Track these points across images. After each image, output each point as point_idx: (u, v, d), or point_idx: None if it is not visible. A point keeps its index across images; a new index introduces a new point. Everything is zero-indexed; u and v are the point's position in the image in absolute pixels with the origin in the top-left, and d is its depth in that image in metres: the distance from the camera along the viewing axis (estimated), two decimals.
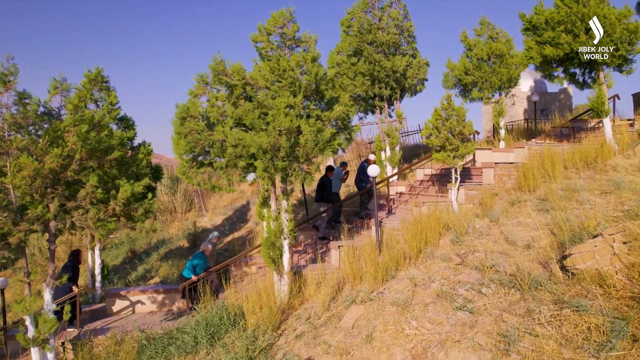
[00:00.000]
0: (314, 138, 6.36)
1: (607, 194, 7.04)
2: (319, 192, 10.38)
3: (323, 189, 10.31)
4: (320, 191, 10.34)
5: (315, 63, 6.94)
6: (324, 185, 10.34)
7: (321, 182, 10.38)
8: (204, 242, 10.14)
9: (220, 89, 7.33)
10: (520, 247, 6.13)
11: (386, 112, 12.34)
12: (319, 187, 10.38)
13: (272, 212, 7.20)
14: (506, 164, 9.23)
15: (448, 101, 8.45)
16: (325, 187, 10.33)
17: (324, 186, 10.33)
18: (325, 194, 10.30)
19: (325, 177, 10.48)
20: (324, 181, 10.39)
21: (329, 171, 10.58)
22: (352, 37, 11.98)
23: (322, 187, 10.33)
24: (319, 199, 10.45)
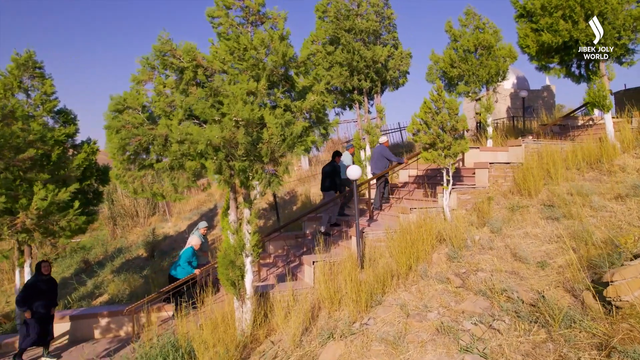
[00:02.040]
0: (280, 132, 5.10)
1: (624, 199, 6.06)
2: (327, 179, 9.28)
3: (332, 175, 9.27)
4: (330, 177, 9.28)
5: (283, 42, 5.68)
6: (333, 171, 9.24)
7: (330, 169, 9.31)
8: (191, 235, 8.82)
9: (170, 75, 6.00)
10: (532, 265, 5.04)
11: (366, 106, 11.18)
12: (326, 174, 9.35)
13: (232, 223, 5.89)
14: (501, 164, 8.20)
15: (439, 92, 7.34)
16: (335, 173, 9.30)
17: (334, 172, 9.25)
18: (337, 181, 9.27)
19: (334, 163, 9.44)
20: (334, 167, 9.33)
21: (336, 156, 9.53)
22: (328, 23, 10.78)
23: (330, 174, 9.24)
24: (328, 188, 9.31)
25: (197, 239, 8.63)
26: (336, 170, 9.36)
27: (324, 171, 9.50)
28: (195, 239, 8.61)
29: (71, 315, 7.66)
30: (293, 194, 15.50)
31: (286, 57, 5.57)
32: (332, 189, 9.31)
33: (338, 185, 9.34)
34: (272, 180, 5.29)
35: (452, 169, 7.40)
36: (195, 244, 8.45)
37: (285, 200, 15.16)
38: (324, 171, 9.47)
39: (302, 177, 17.14)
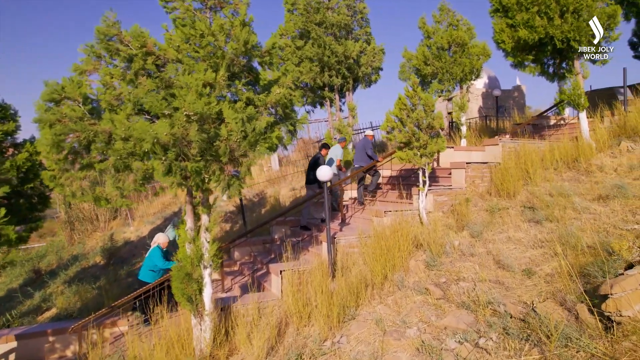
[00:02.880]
0: (241, 129, 4.52)
1: (606, 200, 5.78)
2: (311, 172, 8.74)
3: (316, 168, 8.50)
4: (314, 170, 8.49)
5: (245, 28, 5.10)
6: (317, 164, 8.64)
7: (314, 162, 8.81)
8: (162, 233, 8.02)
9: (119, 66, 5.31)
10: (517, 273, 4.65)
11: (337, 104, 10.70)
12: (310, 167, 8.84)
13: (188, 231, 5.25)
14: (478, 163, 7.87)
15: (414, 88, 6.91)
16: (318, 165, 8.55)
17: (317, 165, 8.64)
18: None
19: (319, 155, 8.96)
20: (317, 159, 8.82)
21: (322, 149, 9.04)
22: (298, 16, 10.24)
23: (314, 167, 8.66)
24: (312, 181, 8.81)
25: (163, 236, 7.90)
26: (319, 163, 8.83)
27: (309, 164, 9.09)
28: (162, 236, 7.88)
29: (6, 336, 6.81)
30: (262, 195, 14.86)
31: (248, 45, 4.99)
32: (316, 182, 8.81)
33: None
34: (232, 182, 4.69)
35: (428, 169, 6.99)
36: (162, 242, 7.73)
37: (253, 202, 14.51)
38: (310, 164, 9.05)
39: (272, 178, 16.53)
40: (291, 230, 9.43)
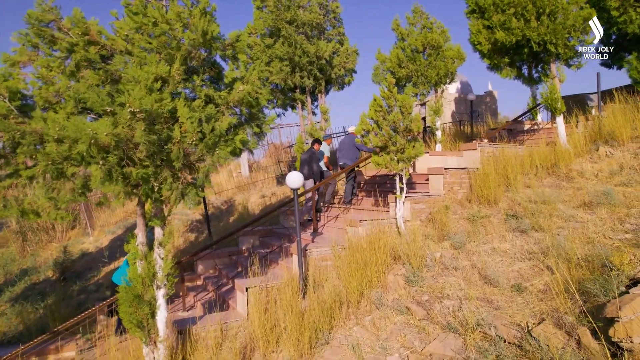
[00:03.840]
0: (197, 129, 3.93)
1: (592, 207, 5.49)
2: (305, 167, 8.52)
3: (310, 162, 8.51)
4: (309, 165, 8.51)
5: (206, 17, 4.53)
6: (311, 159, 8.50)
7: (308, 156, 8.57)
8: None
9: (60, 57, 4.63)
10: (506, 289, 4.24)
11: (309, 107, 10.21)
12: (304, 162, 8.59)
13: (139, 246, 4.60)
14: (457, 169, 7.51)
15: (390, 88, 6.49)
16: (313, 160, 8.56)
17: (312, 160, 8.52)
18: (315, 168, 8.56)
19: (312, 150, 8.73)
20: (312, 154, 8.60)
21: (315, 144, 8.82)
22: (267, 14, 9.71)
23: (308, 162, 8.50)
24: (306, 176, 8.44)
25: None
26: (314, 158, 8.61)
27: (302, 160, 8.74)
28: None
29: None
30: (231, 203, 14.16)
31: (207, 36, 4.42)
32: (311, 177, 8.52)
33: (316, 173, 8.60)
34: (187, 191, 4.09)
35: (405, 175, 6.57)
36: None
37: (221, 210, 13.79)
38: (302, 159, 8.71)
39: (242, 185, 15.85)
40: (260, 240, 8.83)
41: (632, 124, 7.66)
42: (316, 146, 8.82)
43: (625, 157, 6.82)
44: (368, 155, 8.40)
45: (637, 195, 5.51)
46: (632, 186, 5.83)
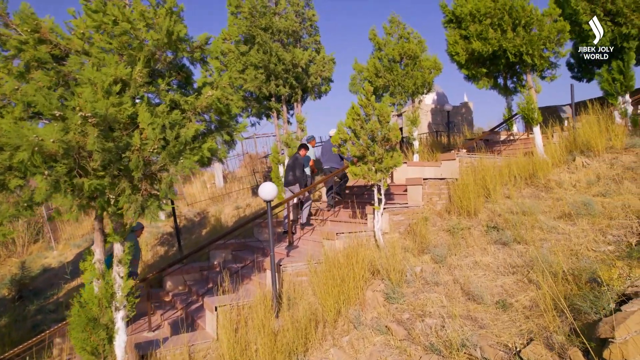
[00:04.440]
0: (159, 136, 3.60)
1: (573, 218, 5.39)
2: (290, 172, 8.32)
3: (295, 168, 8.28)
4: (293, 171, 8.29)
5: (172, 17, 4.23)
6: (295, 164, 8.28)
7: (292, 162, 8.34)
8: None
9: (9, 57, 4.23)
10: (491, 306, 4.03)
11: (285, 116, 9.94)
12: (289, 168, 8.37)
13: (96, 264, 4.20)
14: (436, 179, 7.36)
15: (368, 96, 6.30)
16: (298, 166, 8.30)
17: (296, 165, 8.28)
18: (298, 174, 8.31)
19: (298, 155, 8.49)
20: (297, 159, 8.35)
21: (301, 149, 8.59)
22: (242, 20, 9.45)
23: (293, 167, 8.29)
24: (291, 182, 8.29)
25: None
26: (298, 163, 8.40)
27: (287, 165, 8.56)
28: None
29: None
30: (204, 215, 13.69)
31: (173, 37, 4.11)
32: (296, 182, 8.28)
33: (299, 178, 8.34)
34: (148, 203, 3.73)
35: (384, 186, 6.36)
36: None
37: (194, 222, 13.30)
38: (288, 164, 8.54)
39: (216, 196, 15.38)
40: (233, 254, 8.44)
41: (606, 134, 7.70)
42: (302, 151, 8.59)
43: (602, 167, 6.81)
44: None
45: (615, 206, 5.44)
46: (610, 197, 5.78)
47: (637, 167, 6.45)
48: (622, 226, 4.85)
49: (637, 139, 7.63)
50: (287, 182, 8.38)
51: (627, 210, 5.16)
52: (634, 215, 4.99)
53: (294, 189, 8.28)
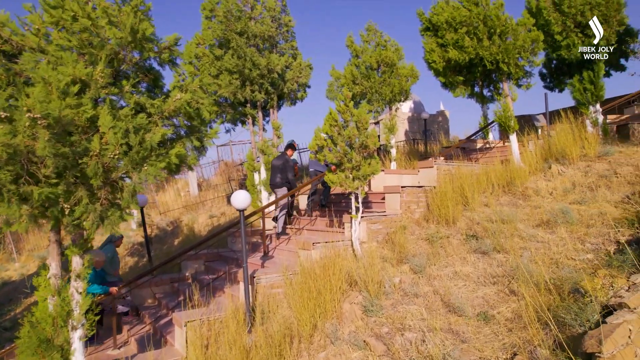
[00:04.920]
0: (122, 141, 3.34)
1: (551, 226, 5.35)
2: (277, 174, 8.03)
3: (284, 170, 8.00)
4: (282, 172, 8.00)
5: (137, 15, 3.98)
6: (285, 165, 7.99)
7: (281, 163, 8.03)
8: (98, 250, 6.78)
9: None
10: (472, 318, 3.89)
11: (260, 123, 9.71)
12: (276, 169, 8.08)
13: (52, 279, 3.87)
14: (414, 187, 7.26)
15: (346, 102, 6.16)
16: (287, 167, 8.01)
17: (285, 167, 7.99)
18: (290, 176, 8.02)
19: (286, 156, 8.19)
20: (286, 160, 8.07)
21: (288, 149, 8.40)
22: (217, 24, 9.21)
23: (282, 169, 8.00)
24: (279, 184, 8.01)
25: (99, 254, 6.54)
26: (289, 165, 8.11)
27: (273, 166, 8.22)
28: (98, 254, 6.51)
29: None
30: (177, 224, 13.26)
31: (138, 35, 3.86)
32: (284, 185, 8.00)
33: (292, 181, 8.07)
34: (109, 213, 3.45)
35: (361, 194, 6.20)
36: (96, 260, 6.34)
37: (166, 232, 12.85)
38: (274, 165, 8.19)
39: (190, 204, 14.95)
40: (206, 265, 8.12)
41: (579, 142, 7.79)
42: (289, 152, 8.37)
43: (577, 175, 6.85)
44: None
45: (592, 214, 5.44)
46: (586, 204, 5.78)
47: (611, 175, 6.50)
48: (599, 234, 4.82)
49: (608, 147, 7.74)
50: (274, 184, 8.12)
51: (604, 218, 5.16)
52: (610, 223, 4.98)
53: (281, 192, 8.03)
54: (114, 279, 7.10)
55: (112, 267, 7.08)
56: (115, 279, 7.11)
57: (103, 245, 7.33)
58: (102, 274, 6.80)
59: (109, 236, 7.38)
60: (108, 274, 6.92)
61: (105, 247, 7.15)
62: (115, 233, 7.35)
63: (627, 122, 10.60)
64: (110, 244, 7.30)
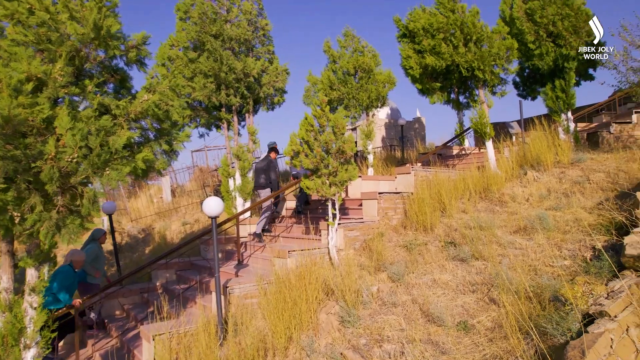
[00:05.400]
0: (81, 143, 3.11)
1: (529, 233, 5.33)
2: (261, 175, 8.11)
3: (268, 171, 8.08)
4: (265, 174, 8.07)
5: (101, 10, 3.75)
6: (269, 167, 8.09)
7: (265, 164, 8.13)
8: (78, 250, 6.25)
9: None
10: (452, 328, 3.79)
11: (236, 127, 9.50)
12: (261, 171, 8.15)
13: (2, 293, 3.56)
14: (391, 194, 7.17)
15: (322, 107, 6.03)
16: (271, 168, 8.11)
17: (269, 168, 8.09)
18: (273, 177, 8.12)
19: (269, 157, 8.26)
20: (270, 162, 8.15)
21: (271, 151, 8.37)
22: (191, 26, 8.98)
23: (265, 170, 8.09)
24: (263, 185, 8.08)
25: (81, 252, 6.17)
26: (272, 166, 8.21)
27: (257, 168, 8.30)
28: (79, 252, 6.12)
29: None
30: (149, 231, 12.83)
31: (102, 31, 3.64)
32: (268, 186, 8.01)
33: (274, 182, 8.07)
34: (67, 222, 3.20)
35: (338, 201, 6.07)
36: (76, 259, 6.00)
37: (137, 239, 12.41)
38: (257, 168, 8.29)
39: (163, 211, 14.52)
40: (177, 274, 7.82)
41: (553, 149, 7.88)
42: (272, 154, 8.31)
43: (552, 181, 6.91)
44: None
45: (567, 220, 5.45)
46: (562, 210, 5.81)
47: (584, 181, 6.58)
48: (575, 240, 4.82)
49: (581, 154, 7.87)
50: (258, 185, 8.12)
51: (579, 224, 5.17)
52: (585, 229, 4.99)
53: (264, 193, 8.00)
54: (96, 280, 6.73)
55: (96, 266, 6.71)
56: (97, 281, 6.75)
57: (86, 243, 6.94)
58: (83, 275, 6.45)
59: (91, 233, 7.03)
60: (89, 275, 6.55)
61: (88, 246, 6.77)
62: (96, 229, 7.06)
63: (596, 130, 10.88)
64: (93, 241, 6.93)
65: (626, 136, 10.25)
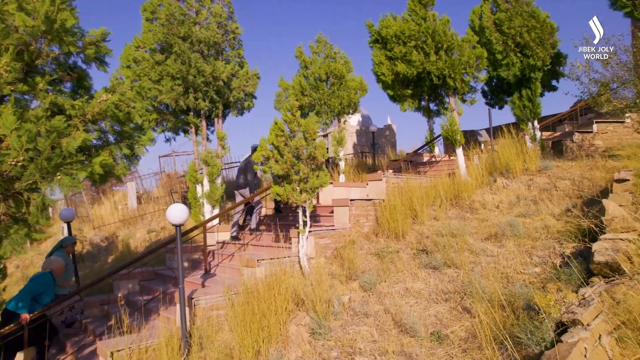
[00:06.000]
0: (28, 145, 2.84)
1: (500, 240, 5.34)
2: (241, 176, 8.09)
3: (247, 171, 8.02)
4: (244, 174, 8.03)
5: (54, 2, 3.49)
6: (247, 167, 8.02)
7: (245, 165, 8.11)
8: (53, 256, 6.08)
9: None
10: (425, 339, 3.69)
11: (204, 132, 9.22)
12: (241, 171, 8.15)
13: None
14: (363, 200, 7.09)
15: (293, 112, 5.89)
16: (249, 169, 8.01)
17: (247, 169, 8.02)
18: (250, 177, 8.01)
19: (250, 159, 8.11)
20: (249, 162, 8.03)
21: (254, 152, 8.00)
22: (158, 27, 8.69)
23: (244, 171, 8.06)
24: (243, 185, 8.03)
25: (60, 260, 5.92)
26: (250, 167, 8.13)
27: (238, 169, 8.38)
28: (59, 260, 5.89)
29: None
30: (112, 239, 12.29)
31: (55, 25, 3.38)
32: (247, 186, 8.07)
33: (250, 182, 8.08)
34: (10, 232, 2.91)
35: (309, 208, 5.93)
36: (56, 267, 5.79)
37: (100, 248, 11.86)
38: (239, 168, 8.34)
39: (128, 218, 13.97)
40: (141, 285, 7.45)
41: (522, 157, 8.02)
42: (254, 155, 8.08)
43: (520, 188, 7.00)
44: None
45: (536, 227, 5.50)
46: (530, 217, 5.86)
47: (551, 188, 6.69)
48: (545, 247, 4.85)
49: (547, 161, 8.04)
50: (238, 185, 8.13)
51: (548, 231, 5.22)
52: (554, 235, 5.03)
53: (244, 193, 7.98)
54: (63, 291, 6.32)
55: (64, 276, 6.28)
56: (65, 291, 6.34)
57: (52, 251, 6.51)
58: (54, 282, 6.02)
59: (60, 241, 6.63)
60: (57, 285, 6.12)
61: (55, 254, 6.34)
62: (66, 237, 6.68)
63: (560, 138, 11.21)
64: (60, 249, 6.50)
65: (587, 145, 10.61)
